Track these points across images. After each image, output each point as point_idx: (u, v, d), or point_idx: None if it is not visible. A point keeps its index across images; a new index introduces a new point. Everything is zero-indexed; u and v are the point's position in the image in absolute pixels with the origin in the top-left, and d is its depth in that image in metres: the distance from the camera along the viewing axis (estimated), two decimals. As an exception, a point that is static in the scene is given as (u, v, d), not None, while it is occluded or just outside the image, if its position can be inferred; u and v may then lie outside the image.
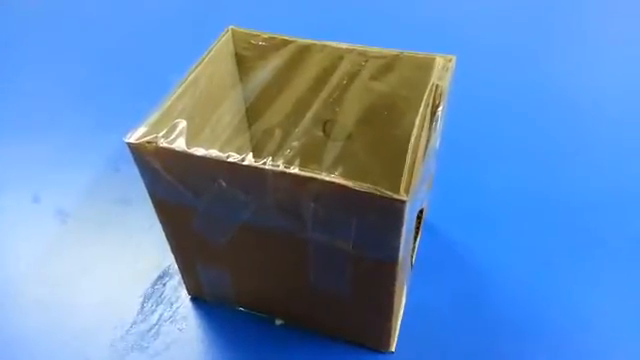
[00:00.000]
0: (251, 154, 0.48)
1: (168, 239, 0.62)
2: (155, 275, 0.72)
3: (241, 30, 0.65)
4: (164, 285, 0.71)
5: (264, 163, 0.48)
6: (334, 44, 0.63)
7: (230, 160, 0.48)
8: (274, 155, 0.50)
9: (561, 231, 0.76)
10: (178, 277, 0.70)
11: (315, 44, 0.63)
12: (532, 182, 0.83)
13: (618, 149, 0.88)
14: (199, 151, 0.49)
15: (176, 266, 0.67)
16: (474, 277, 0.71)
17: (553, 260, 0.72)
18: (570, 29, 1.20)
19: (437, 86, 0.56)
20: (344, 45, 0.63)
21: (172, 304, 0.69)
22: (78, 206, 0.82)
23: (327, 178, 0.46)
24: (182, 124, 0.52)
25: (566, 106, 0.97)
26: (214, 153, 0.49)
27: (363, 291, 0.56)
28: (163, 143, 0.50)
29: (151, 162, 0.51)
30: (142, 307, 0.69)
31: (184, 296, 0.70)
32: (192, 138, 0.52)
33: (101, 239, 0.78)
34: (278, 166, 0.47)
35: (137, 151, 0.51)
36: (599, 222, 0.77)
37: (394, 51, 0.61)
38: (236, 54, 0.65)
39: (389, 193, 0.44)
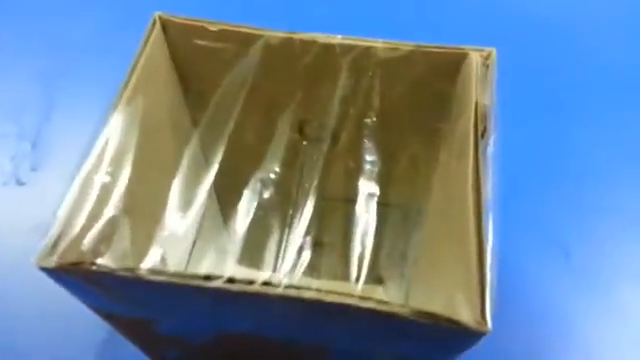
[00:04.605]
0: (248, 270, 0.32)
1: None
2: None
3: (177, 20, 0.43)
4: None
5: (267, 284, 0.31)
6: (321, 37, 0.43)
7: (213, 285, 0.31)
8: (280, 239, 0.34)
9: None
10: None
11: (292, 38, 0.43)
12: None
13: None
14: (160, 275, 0.31)
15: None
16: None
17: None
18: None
19: (477, 104, 0.40)
20: (337, 38, 0.43)
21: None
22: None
23: (365, 305, 0.30)
24: (121, 221, 0.33)
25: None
26: (186, 276, 0.31)
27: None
28: (100, 262, 0.32)
29: (86, 285, 0.33)
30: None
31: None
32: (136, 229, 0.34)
33: None
34: (289, 288, 0.31)
35: (61, 277, 0.33)
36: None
37: (407, 44, 0.43)
38: (176, 66, 0.43)
39: (467, 323, 0.30)
